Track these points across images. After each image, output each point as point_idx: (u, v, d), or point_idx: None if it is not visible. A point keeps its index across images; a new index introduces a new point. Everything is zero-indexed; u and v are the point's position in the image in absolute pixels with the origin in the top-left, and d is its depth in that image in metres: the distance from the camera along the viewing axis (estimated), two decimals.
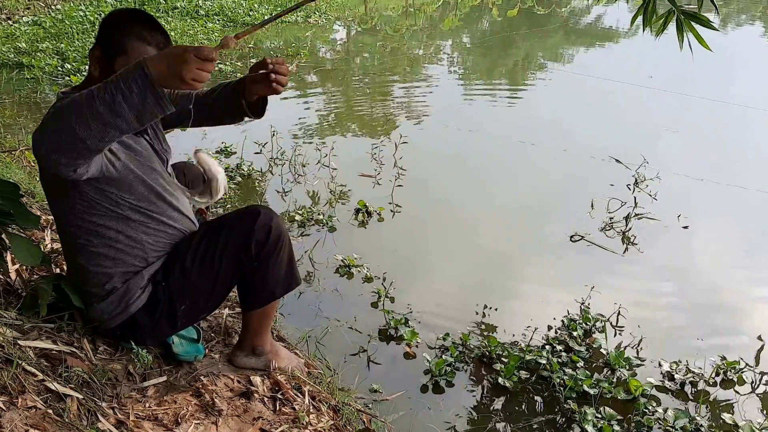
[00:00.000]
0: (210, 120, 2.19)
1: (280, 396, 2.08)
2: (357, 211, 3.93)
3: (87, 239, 1.88)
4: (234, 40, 1.49)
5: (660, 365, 2.65)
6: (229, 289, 2.09)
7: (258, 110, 2.06)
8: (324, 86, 7.29)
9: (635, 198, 4.08)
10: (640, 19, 2.00)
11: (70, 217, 1.87)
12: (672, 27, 1.98)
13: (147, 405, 1.87)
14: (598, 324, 2.86)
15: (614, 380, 2.51)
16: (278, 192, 4.26)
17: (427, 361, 2.57)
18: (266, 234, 1.96)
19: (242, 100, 1.99)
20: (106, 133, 1.49)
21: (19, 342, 1.76)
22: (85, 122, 1.48)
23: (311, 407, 2.09)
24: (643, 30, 2.08)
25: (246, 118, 2.11)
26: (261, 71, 1.86)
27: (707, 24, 1.89)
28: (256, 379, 2.12)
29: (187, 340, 2.16)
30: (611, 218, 3.93)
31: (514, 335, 2.84)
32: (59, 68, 6.78)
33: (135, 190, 1.87)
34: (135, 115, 1.48)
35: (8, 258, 2.12)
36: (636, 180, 4.39)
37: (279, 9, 11.93)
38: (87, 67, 6.65)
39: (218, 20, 10.37)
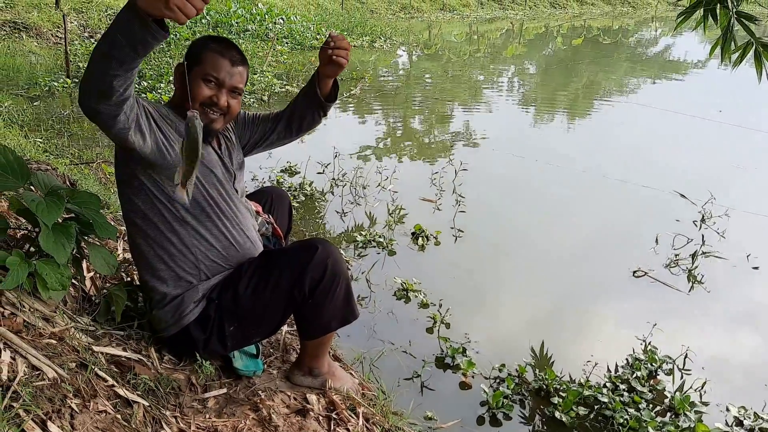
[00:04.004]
0: (293, 127, 2.30)
1: (334, 416, 2.09)
2: (414, 235, 3.94)
3: (144, 239, 1.98)
4: None
5: (727, 410, 2.54)
6: (283, 320, 2.10)
7: (333, 96, 2.22)
8: (386, 109, 7.38)
9: (702, 235, 3.95)
10: (718, 50, 1.97)
11: (131, 214, 1.97)
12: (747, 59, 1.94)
13: (207, 416, 1.91)
14: (665, 366, 2.76)
15: (679, 424, 2.41)
16: (338, 212, 4.31)
17: (485, 392, 2.53)
18: (322, 271, 1.97)
19: (317, 90, 2.16)
20: (109, 67, 1.56)
21: (93, 348, 1.83)
22: (93, 62, 1.58)
23: (365, 429, 2.09)
24: (722, 61, 2.04)
25: (323, 114, 2.25)
26: (323, 52, 2.04)
27: None
28: (312, 398, 2.14)
29: (247, 355, 2.20)
30: (676, 255, 3.81)
31: (570, 369, 2.77)
32: (136, 85, 7.09)
33: None
34: (128, 43, 1.52)
35: (84, 266, 2.21)
36: (703, 216, 4.25)
37: (346, 33, 12.17)
38: (161, 84, 6.94)
39: (287, 43, 10.66)
